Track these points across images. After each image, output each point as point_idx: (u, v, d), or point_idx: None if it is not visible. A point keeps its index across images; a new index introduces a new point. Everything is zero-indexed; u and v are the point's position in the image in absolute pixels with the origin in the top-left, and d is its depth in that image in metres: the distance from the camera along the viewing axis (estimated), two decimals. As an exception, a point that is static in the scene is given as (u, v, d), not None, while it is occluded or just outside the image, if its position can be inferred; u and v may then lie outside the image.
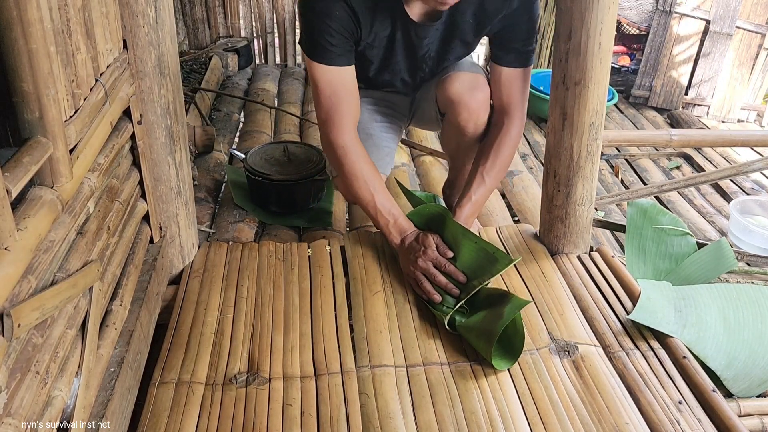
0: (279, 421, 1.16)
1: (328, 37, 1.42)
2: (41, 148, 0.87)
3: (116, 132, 1.23)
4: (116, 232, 1.21)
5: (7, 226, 0.75)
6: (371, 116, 1.72)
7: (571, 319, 1.43)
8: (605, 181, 2.66)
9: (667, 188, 1.86)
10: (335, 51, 1.44)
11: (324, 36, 1.42)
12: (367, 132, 1.70)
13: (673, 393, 1.24)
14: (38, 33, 0.83)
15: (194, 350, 1.30)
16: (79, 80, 1.01)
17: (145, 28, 1.27)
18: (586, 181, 1.57)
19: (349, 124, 1.51)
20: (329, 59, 1.45)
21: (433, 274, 1.44)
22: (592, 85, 1.44)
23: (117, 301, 1.18)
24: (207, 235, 1.86)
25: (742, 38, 3.47)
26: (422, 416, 1.17)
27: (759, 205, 2.34)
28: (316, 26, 1.42)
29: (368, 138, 1.69)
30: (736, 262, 1.68)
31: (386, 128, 1.75)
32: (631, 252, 1.74)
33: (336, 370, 1.28)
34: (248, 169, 1.95)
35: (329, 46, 1.43)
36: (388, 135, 1.75)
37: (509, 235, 1.75)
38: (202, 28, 3.65)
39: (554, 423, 1.16)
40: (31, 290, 0.82)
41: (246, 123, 2.83)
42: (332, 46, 1.43)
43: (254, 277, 1.54)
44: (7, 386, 0.75)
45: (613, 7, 1.38)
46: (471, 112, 1.60)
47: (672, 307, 1.47)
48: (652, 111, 3.61)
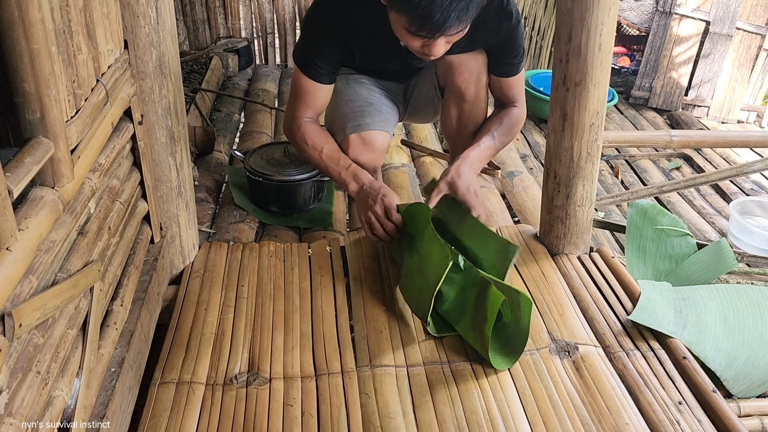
0: (279, 421, 1.16)
1: (317, 59, 1.58)
2: (42, 148, 0.87)
3: (117, 132, 1.23)
4: (117, 233, 1.21)
5: (8, 226, 0.75)
6: (370, 92, 1.79)
7: (572, 320, 1.43)
8: (605, 181, 2.66)
9: (667, 189, 1.86)
10: (320, 71, 1.59)
11: (314, 57, 1.58)
12: (368, 101, 1.75)
13: (673, 393, 1.24)
14: (40, 33, 0.83)
15: (195, 350, 1.30)
16: (80, 80, 1.02)
17: (146, 29, 1.28)
18: (586, 182, 1.57)
19: (307, 114, 1.65)
20: (313, 75, 1.60)
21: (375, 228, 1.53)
22: (592, 86, 1.45)
23: (118, 301, 1.18)
24: (207, 236, 1.86)
25: (742, 39, 3.47)
26: (422, 416, 1.18)
27: (759, 205, 2.35)
28: (310, 47, 1.58)
29: (369, 105, 1.74)
30: (736, 262, 1.68)
31: (385, 102, 1.81)
32: (631, 252, 1.74)
33: (336, 370, 1.28)
34: (248, 170, 1.95)
35: (315, 66, 1.58)
36: (388, 107, 1.81)
37: (509, 235, 1.75)
38: (202, 29, 3.65)
39: (554, 423, 1.16)
40: (32, 290, 0.82)
41: (246, 123, 2.83)
42: (318, 67, 1.59)
43: (254, 277, 1.54)
44: (9, 386, 0.75)
45: (614, 9, 1.38)
46: (471, 72, 1.64)
47: (672, 307, 1.47)
48: (652, 112, 3.61)
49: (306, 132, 1.65)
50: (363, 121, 1.68)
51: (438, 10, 1.25)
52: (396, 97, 1.86)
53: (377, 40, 1.57)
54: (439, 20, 1.26)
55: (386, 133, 1.71)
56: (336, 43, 1.57)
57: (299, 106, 1.65)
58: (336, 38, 1.56)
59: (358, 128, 1.67)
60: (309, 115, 1.66)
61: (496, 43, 1.61)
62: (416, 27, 1.30)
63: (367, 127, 1.67)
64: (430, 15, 1.26)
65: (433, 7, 1.24)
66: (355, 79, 1.77)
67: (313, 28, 1.58)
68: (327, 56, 1.57)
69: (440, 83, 1.75)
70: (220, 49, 3.52)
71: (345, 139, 1.67)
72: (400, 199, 1.57)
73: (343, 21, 1.54)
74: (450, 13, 1.26)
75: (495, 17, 1.53)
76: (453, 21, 1.27)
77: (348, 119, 1.68)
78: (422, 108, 1.88)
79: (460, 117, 1.74)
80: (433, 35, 1.31)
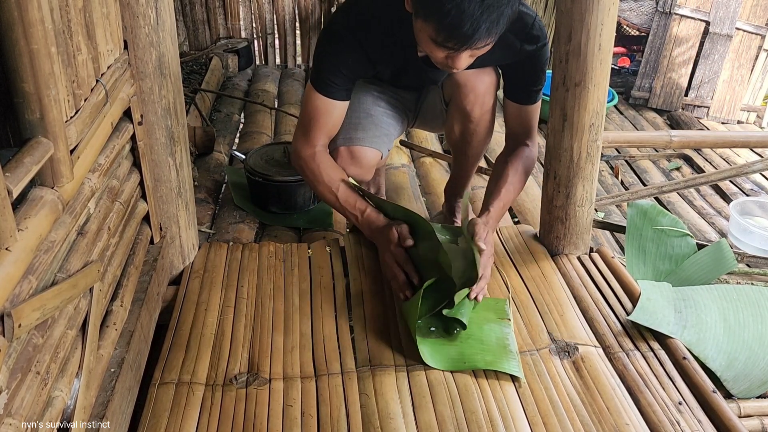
0: (279, 421, 1.16)
1: (333, 77, 1.49)
2: (42, 148, 0.87)
3: (117, 132, 1.23)
4: (117, 233, 1.21)
5: (7, 226, 0.75)
6: (375, 101, 1.72)
7: (572, 320, 1.43)
8: (605, 182, 2.66)
9: (666, 189, 1.86)
10: (335, 88, 1.50)
11: (330, 74, 1.49)
12: (368, 112, 1.69)
13: (673, 394, 1.24)
14: (39, 34, 0.83)
15: (194, 351, 1.30)
16: (79, 81, 1.02)
17: (145, 29, 1.28)
18: (586, 182, 1.57)
19: (319, 140, 1.55)
20: (327, 92, 1.50)
21: (394, 274, 1.46)
22: (592, 86, 1.45)
23: (117, 301, 1.18)
24: (207, 236, 1.86)
25: (742, 39, 3.47)
26: (422, 416, 1.17)
27: (759, 206, 2.35)
28: (326, 64, 1.49)
29: (368, 117, 1.68)
30: (736, 263, 1.68)
31: (388, 115, 1.74)
32: (631, 253, 1.74)
33: (336, 370, 1.28)
34: (248, 170, 1.95)
35: (331, 83, 1.49)
36: (389, 121, 1.74)
37: (509, 235, 1.75)
38: (202, 29, 3.65)
39: (554, 423, 1.16)
40: (31, 290, 0.82)
41: (246, 124, 2.83)
42: (334, 84, 1.50)
43: (254, 277, 1.54)
44: (8, 386, 0.75)
45: (613, 9, 1.38)
46: (477, 95, 1.60)
47: (672, 307, 1.47)
48: (652, 112, 3.61)
49: (321, 166, 1.55)
50: (356, 135, 1.62)
51: (468, 20, 1.18)
52: (406, 104, 1.79)
53: (397, 53, 1.50)
54: (469, 31, 1.19)
55: (376, 151, 1.64)
56: (355, 57, 1.48)
57: (312, 130, 1.55)
58: (359, 51, 1.47)
59: (350, 141, 1.61)
60: (322, 142, 1.56)
61: (514, 66, 1.55)
62: (443, 37, 1.23)
63: (359, 142, 1.62)
64: (459, 25, 1.19)
65: (464, 17, 1.18)
66: (364, 84, 1.70)
67: (333, 43, 1.49)
68: (344, 73, 1.49)
69: (445, 98, 1.71)
70: (219, 50, 3.53)
71: (335, 149, 1.62)
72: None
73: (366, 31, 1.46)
74: (480, 24, 1.19)
75: (515, 38, 1.46)
76: (482, 34, 1.21)
77: (342, 129, 1.61)
78: (431, 119, 1.83)
79: (464, 134, 1.70)
80: (460, 47, 1.24)
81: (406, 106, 1.80)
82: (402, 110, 1.78)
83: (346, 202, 1.56)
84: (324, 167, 1.56)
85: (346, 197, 1.56)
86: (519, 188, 1.63)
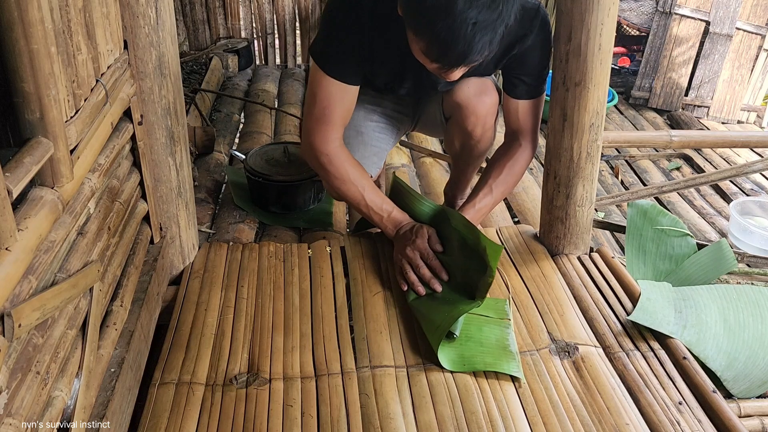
0: (279, 421, 1.16)
1: (344, 58, 1.41)
2: (42, 148, 0.87)
3: (117, 132, 1.23)
4: (117, 233, 1.21)
5: (7, 226, 0.75)
6: (367, 115, 1.67)
7: (572, 320, 1.43)
8: (605, 182, 2.66)
9: (667, 189, 1.86)
10: (349, 71, 1.43)
11: (341, 56, 1.41)
12: (358, 129, 1.65)
13: (673, 394, 1.24)
14: (39, 33, 0.83)
15: (194, 351, 1.30)
16: (79, 81, 1.02)
17: (145, 29, 1.28)
18: (586, 182, 1.57)
19: (336, 133, 1.49)
20: (341, 75, 1.42)
21: (418, 265, 1.44)
22: (592, 86, 1.45)
23: (117, 301, 1.18)
24: (207, 236, 1.86)
25: (742, 39, 3.47)
26: (422, 416, 1.17)
27: (759, 206, 2.35)
28: (335, 42, 1.41)
29: (357, 135, 1.65)
30: (736, 263, 1.68)
31: (380, 129, 1.70)
32: (631, 253, 1.74)
33: (336, 370, 1.28)
34: (248, 170, 1.95)
35: (343, 66, 1.42)
36: (381, 136, 1.70)
37: (509, 235, 1.75)
38: (202, 29, 3.65)
39: (554, 423, 1.16)
40: (31, 290, 0.82)
41: (246, 124, 2.83)
42: (347, 67, 1.42)
43: (254, 277, 1.54)
44: (8, 386, 0.75)
45: (613, 9, 1.38)
46: (479, 117, 1.57)
47: (672, 307, 1.47)
48: (652, 112, 3.61)
49: (343, 164, 1.49)
50: None
51: (461, 42, 1.11)
52: (404, 110, 1.75)
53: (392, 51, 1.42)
54: (461, 52, 1.13)
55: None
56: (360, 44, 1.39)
57: (328, 122, 1.46)
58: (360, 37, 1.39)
59: None
60: (337, 134, 1.48)
61: (512, 58, 1.48)
62: (435, 56, 1.17)
63: None
64: (451, 47, 1.12)
65: (456, 39, 1.11)
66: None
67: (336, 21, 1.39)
68: (353, 55, 1.40)
69: (445, 114, 1.67)
70: (219, 50, 3.53)
71: None
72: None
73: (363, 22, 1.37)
74: (473, 45, 1.12)
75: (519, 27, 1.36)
76: (475, 54, 1.14)
77: None
78: (431, 127, 1.81)
79: (464, 147, 1.69)
80: (452, 67, 1.19)
81: (404, 112, 1.75)
82: (397, 119, 1.75)
83: (372, 202, 1.54)
84: (348, 165, 1.50)
85: (373, 198, 1.54)
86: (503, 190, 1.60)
